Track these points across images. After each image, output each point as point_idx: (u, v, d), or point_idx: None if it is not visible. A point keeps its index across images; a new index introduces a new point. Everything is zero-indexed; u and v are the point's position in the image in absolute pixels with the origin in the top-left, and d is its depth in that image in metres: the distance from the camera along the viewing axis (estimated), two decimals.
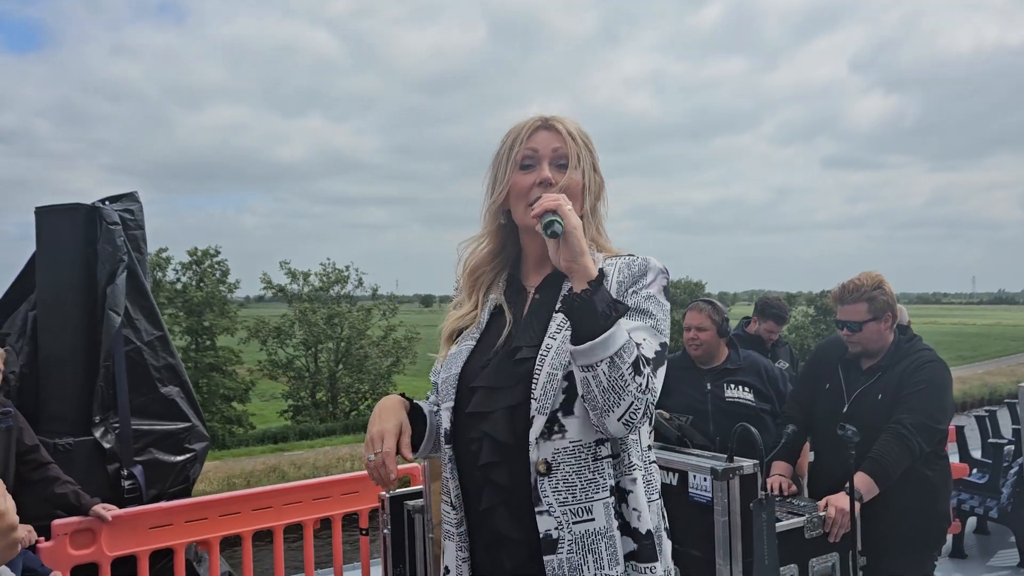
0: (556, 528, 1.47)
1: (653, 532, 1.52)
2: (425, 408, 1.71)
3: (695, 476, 2.61)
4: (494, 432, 1.52)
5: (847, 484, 2.77)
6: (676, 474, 2.68)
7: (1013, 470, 5.19)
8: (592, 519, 1.47)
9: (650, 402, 1.43)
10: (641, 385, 1.41)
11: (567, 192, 1.59)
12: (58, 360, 4.14)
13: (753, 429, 2.60)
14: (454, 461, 1.59)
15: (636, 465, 1.52)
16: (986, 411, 6.09)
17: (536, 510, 1.48)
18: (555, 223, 1.46)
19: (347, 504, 4.09)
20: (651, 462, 1.59)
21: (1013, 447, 5.38)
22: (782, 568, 2.62)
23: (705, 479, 2.56)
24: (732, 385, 3.65)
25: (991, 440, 5.64)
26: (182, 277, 31.44)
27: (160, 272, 30.08)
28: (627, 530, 1.50)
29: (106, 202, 4.37)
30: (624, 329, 1.41)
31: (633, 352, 1.41)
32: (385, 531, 3.28)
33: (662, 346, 1.51)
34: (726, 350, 3.78)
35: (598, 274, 1.44)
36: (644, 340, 1.48)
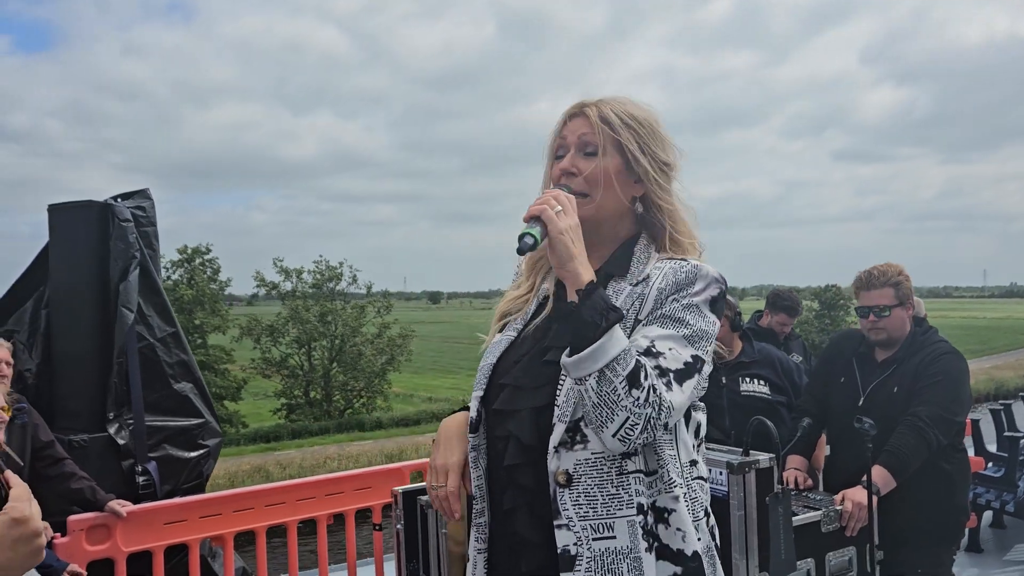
0: (575, 544, 1.39)
1: (702, 554, 1.43)
2: None
3: (711, 470, 2.59)
4: (520, 433, 1.47)
5: (864, 477, 2.75)
6: None
7: None
8: (613, 537, 1.39)
9: (653, 416, 1.33)
10: (639, 399, 1.31)
11: (591, 181, 1.51)
12: (72, 357, 4.16)
13: (769, 423, 2.58)
14: (479, 451, 1.54)
15: (677, 482, 1.42)
16: (1001, 404, 6.05)
17: (555, 523, 1.41)
18: (526, 236, 1.37)
19: (360, 499, 4.09)
20: (695, 478, 1.49)
21: None
22: (799, 562, 2.60)
23: (721, 473, 2.54)
24: (747, 378, 3.63)
25: (1007, 433, 5.61)
26: (172, 275, 31.22)
27: None
28: (668, 553, 1.41)
29: (118, 199, 4.38)
30: (620, 339, 1.34)
31: (629, 364, 1.32)
32: (398, 526, 3.27)
33: (694, 359, 1.40)
34: (740, 343, 3.76)
35: (590, 282, 1.36)
36: (669, 350, 1.38)
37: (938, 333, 3.25)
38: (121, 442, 4.06)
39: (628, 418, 1.31)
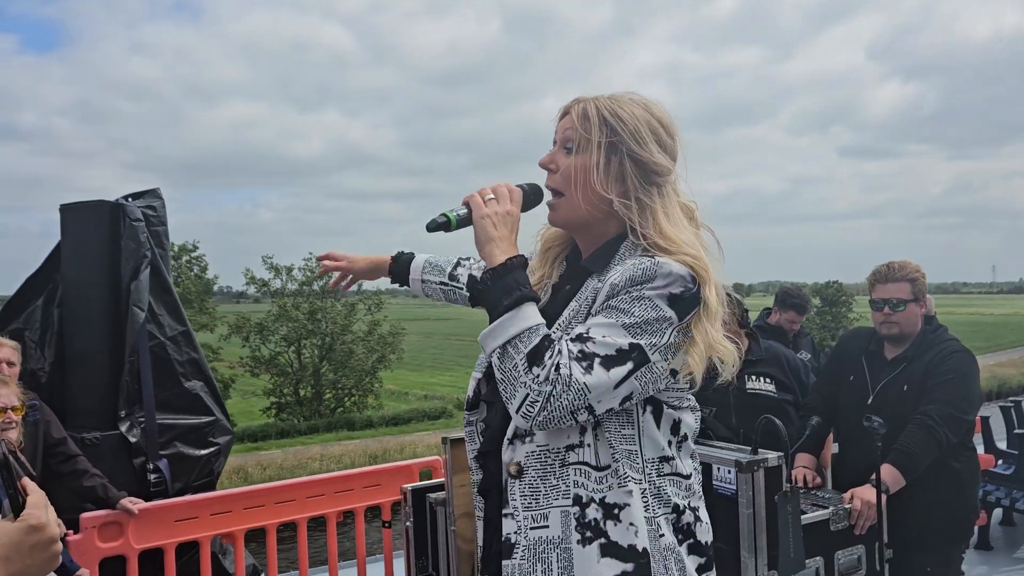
0: (516, 532, 1.43)
1: (652, 551, 1.40)
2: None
3: (719, 468, 2.59)
4: (491, 422, 1.54)
5: (873, 476, 2.75)
6: (700, 467, 2.67)
7: None
8: (547, 526, 1.41)
9: (555, 394, 1.31)
10: (538, 376, 1.32)
11: (565, 177, 1.51)
12: (84, 356, 4.19)
13: (778, 421, 2.58)
14: (474, 426, 1.61)
15: (631, 477, 1.41)
16: (1011, 402, 6.02)
17: (503, 512, 1.46)
18: (440, 215, 1.49)
19: (369, 497, 4.11)
20: (667, 474, 1.46)
21: None
22: (807, 561, 2.60)
23: (729, 471, 2.55)
24: (753, 376, 3.62)
25: (1017, 431, 5.58)
26: None
27: None
28: (616, 549, 1.39)
29: (129, 199, 4.40)
30: (527, 318, 1.36)
31: (533, 342, 1.34)
32: (407, 523, 3.29)
33: (632, 347, 1.35)
34: (747, 341, 3.75)
35: (503, 262, 1.41)
36: (603, 336, 1.35)
37: (948, 331, 3.25)
38: (133, 440, 4.09)
39: (528, 395, 1.33)
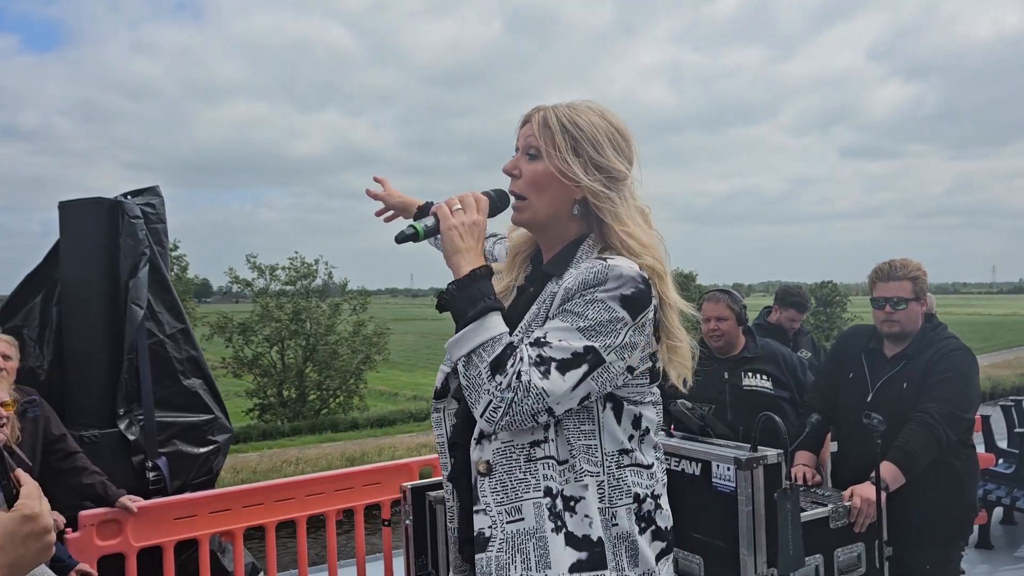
0: (490, 527, 1.49)
1: (606, 540, 1.48)
2: None
3: (718, 466, 2.59)
4: (460, 417, 1.64)
5: (873, 473, 2.75)
6: (699, 464, 2.67)
7: None
8: (522, 518, 1.47)
9: (516, 401, 1.38)
10: (500, 384, 1.39)
11: (528, 183, 1.59)
12: (83, 353, 4.18)
13: (777, 419, 2.58)
14: (441, 413, 1.69)
15: (589, 471, 1.49)
16: (1012, 400, 6.02)
17: (474, 508, 1.52)
18: (409, 227, 1.55)
19: (369, 495, 4.10)
20: (628, 466, 1.53)
21: None
22: (807, 558, 2.60)
23: (729, 469, 2.54)
24: (750, 374, 3.62)
25: (1017, 430, 5.59)
26: None
27: None
28: (574, 539, 1.47)
29: (128, 196, 4.39)
30: (492, 327, 1.43)
31: (496, 350, 1.41)
32: (407, 522, 3.28)
33: (587, 349, 1.42)
34: (743, 339, 3.75)
35: (468, 273, 1.47)
36: (559, 340, 1.42)
37: (947, 329, 3.24)
38: (131, 438, 4.09)
39: (491, 401, 1.40)
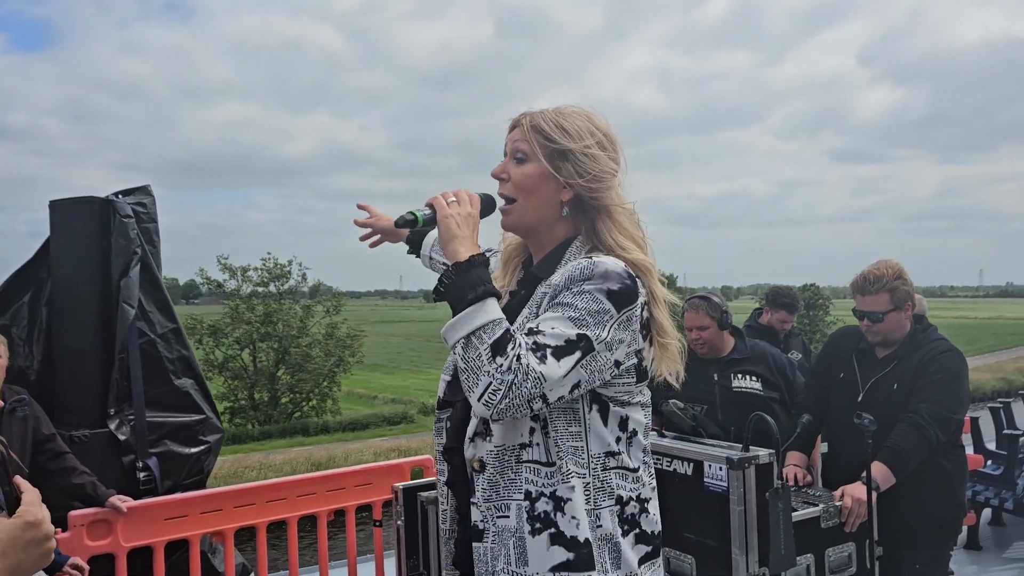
0: (482, 520, 1.56)
1: (594, 541, 1.51)
2: None
3: (710, 466, 2.60)
4: (452, 420, 1.66)
5: (863, 473, 2.76)
6: (691, 464, 2.68)
7: None
8: (507, 516, 1.54)
9: (516, 384, 1.40)
10: (501, 366, 1.40)
11: (517, 186, 1.63)
12: (73, 353, 4.16)
13: (769, 419, 2.59)
14: (442, 423, 1.72)
15: (574, 473, 1.51)
16: (1001, 402, 6.07)
17: (471, 501, 1.58)
18: (408, 213, 1.58)
19: (360, 496, 4.09)
20: (614, 468, 1.55)
21: None
22: (798, 558, 2.61)
23: (721, 469, 2.55)
24: (739, 375, 3.63)
25: (1006, 431, 5.62)
26: None
27: None
28: (563, 539, 1.50)
29: (119, 195, 4.37)
30: (490, 312, 1.45)
31: (496, 333, 1.42)
32: (399, 523, 3.28)
33: (579, 337, 1.45)
34: (731, 340, 3.75)
35: (467, 259, 1.49)
36: (552, 328, 1.46)
37: (937, 331, 3.26)
38: (122, 438, 4.06)
39: (490, 383, 1.40)
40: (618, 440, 1.56)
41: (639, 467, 1.59)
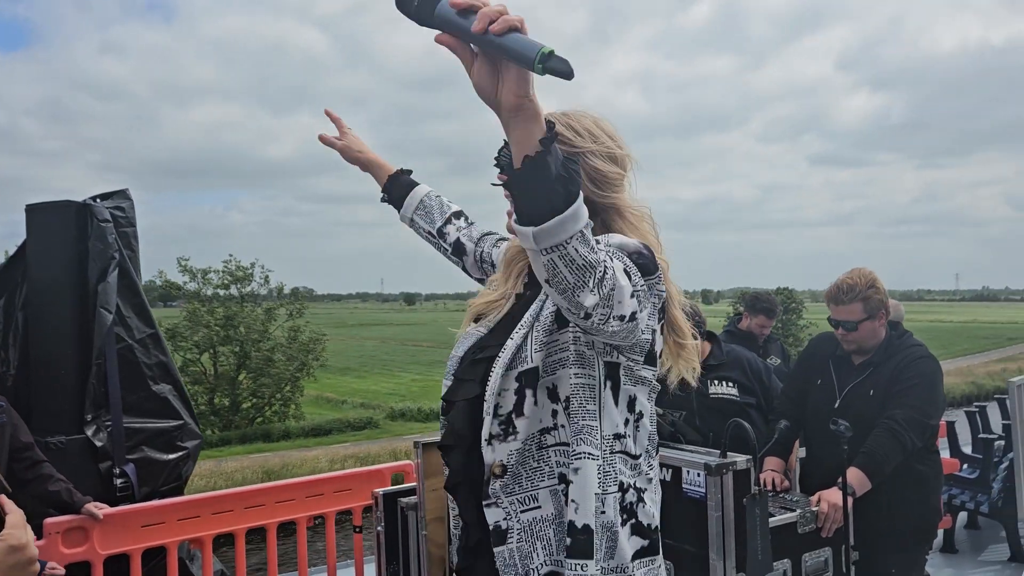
0: (504, 519, 1.46)
1: (593, 528, 1.43)
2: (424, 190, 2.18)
3: (688, 472, 2.61)
4: (454, 421, 1.57)
5: (840, 479, 2.79)
6: (670, 470, 2.69)
7: (1003, 465, 5.23)
8: (539, 506, 1.46)
9: (616, 273, 1.27)
10: (603, 251, 1.27)
11: None
12: (50, 358, 4.12)
13: (747, 425, 2.61)
14: (443, 426, 1.65)
15: (586, 454, 1.44)
16: (976, 407, 6.15)
17: (484, 503, 1.48)
18: (535, 48, 1.10)
19: (340, 501, 4.08)
20: (616, 452, 1.48)
21: (1003, 442, 5.42)
22: (775, 563, 2.63)
23: (699, 474, 2.57)
24: (715, 381, 3.64)
25: (981, 435, 5.69)
26: None
27: None
28: (570, 528, 1.44)
29: (97, 199, 4.34)
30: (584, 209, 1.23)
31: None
32: (379, 528, 3.27)
33: (626, 271, 1.36)
34: (707, 346, 3.76)
35: (551, 144, 1.17)
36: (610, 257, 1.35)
37: (913, 336, 3.30)
38: (99, 444, 4.03)
39: (605, 266, 1.25)
40: (626, 422, 1.51)
41: (640, 455, 1.54)
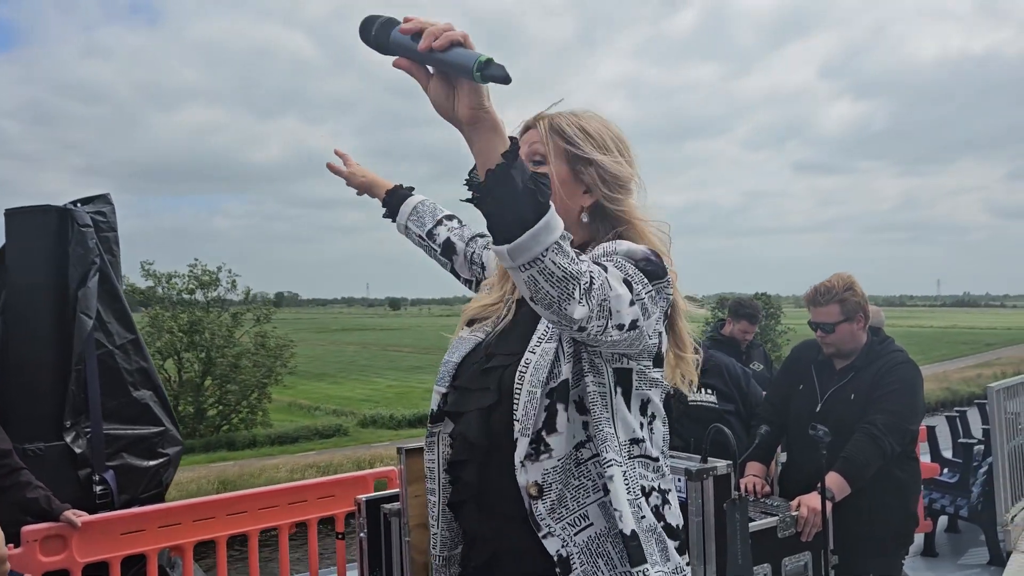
0: (563, 546, 1.40)
1: (640, 532, 1.40)
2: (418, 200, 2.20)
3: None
4: (466, 431, 1.50)
5: (819, 484, 2.81)
6: (668, 451, 2.70)
7: (983, 469, 5.27)
8: (591, 523, 1.41)
9: (605, 283, 1.25)
10: (589, 263, 1.25)
11: None
12: (28, 364, 4.08)
13: (727, 431, 2.62)
14: (435, 438, 1.59)
15: (612, 461, 1.40)
16: (957, 411, 6.20)
17: (540, 535, 1.40)
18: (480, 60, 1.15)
19: (323, 508, 4.06)
20: (637, 456, 1.45)
21: (983, 447, 5.47)
22: (755, 567, 2.64)
23: (679, 480, 2.58)
24: (695, 388, 3.66)
25: (961, 440, 5.74)
26: None
27: None
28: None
29: (78, 204, 4.31)
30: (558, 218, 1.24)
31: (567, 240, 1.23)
32: (361, 535, 3.26)
33: (627, 280, 1.34)
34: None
35: (517, 156, 1.19)
36: (613, 266, 1.35)
37: (894, 342, 3.33)
38: (78, 451, 3.99)
39: (591, 275, 1.24)
40: (641, 426, 1.47)
41: (659, 456, 1.50)
